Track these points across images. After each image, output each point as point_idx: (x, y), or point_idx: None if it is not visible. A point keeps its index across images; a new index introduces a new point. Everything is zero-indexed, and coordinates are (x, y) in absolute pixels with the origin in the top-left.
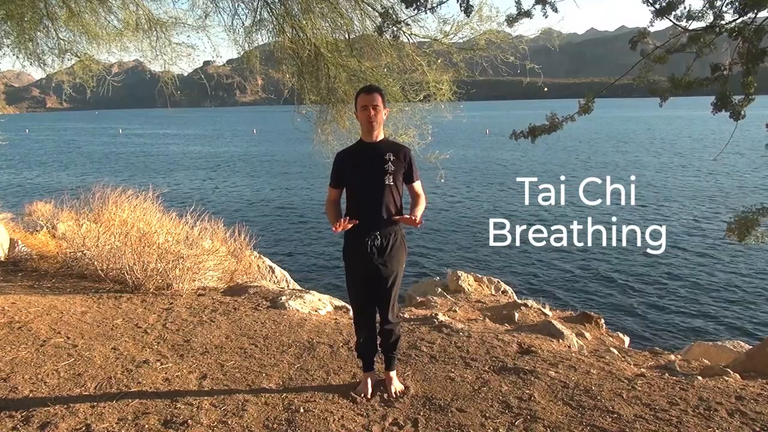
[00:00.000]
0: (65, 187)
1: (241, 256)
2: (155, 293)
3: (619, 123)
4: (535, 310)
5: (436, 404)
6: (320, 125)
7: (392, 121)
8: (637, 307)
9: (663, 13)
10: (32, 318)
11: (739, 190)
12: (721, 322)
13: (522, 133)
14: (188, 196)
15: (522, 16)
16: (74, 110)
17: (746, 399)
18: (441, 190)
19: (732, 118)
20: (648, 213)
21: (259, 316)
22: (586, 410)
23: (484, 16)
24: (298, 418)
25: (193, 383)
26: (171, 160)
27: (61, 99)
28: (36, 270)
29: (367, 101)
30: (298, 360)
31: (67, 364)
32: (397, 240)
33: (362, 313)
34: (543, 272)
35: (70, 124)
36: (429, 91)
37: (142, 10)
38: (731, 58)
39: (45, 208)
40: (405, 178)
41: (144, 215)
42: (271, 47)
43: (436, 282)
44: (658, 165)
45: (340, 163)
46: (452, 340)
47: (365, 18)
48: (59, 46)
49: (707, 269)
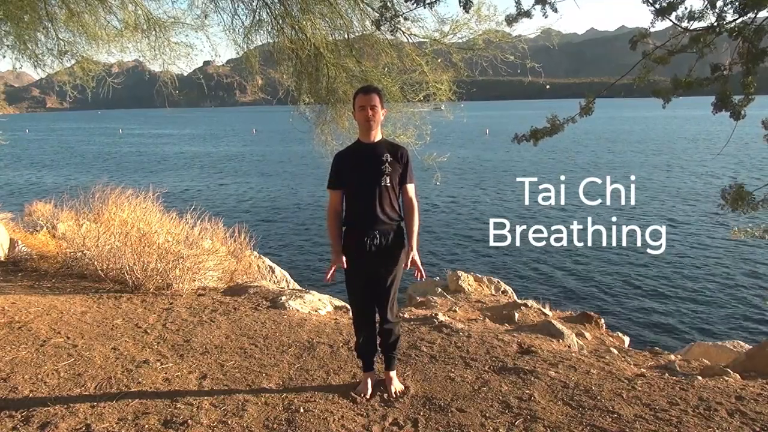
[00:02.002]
0: (65, 187)
1: (241, 256)
2: (155, 293)
3: (619, 123)
4: (535, 310)
5: (436, 404)
6: (319, 125)
7: (391, 121)
8: (637, 307)
9: (663, 14)
10: (32, 318)
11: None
12: (721, 322)
13: (524, 136)
14: (188, 196)
15: (521, 15)
16: (74, 110)
17: (746, 399)
18: (441, 190)
19: (732, 117)
20: (648, 213)
21: (259, 316)
22: (586, 410)
23: (482, 16)
24: (298, 418)
25: (193, 383)
26: (171, 160)
27: (61, 99)
28: (36, 270)
29: (364, 101)
30: (298, 360)
31: (67, 364)
32: (396, 240)
33: (362, 313)
34: (543, 272)
35: (70, 124)
36: (428, 91)
37: (142, 10)
38: (731, 58)
39: (45, 208)
40: (400, 179)
41: (144, 215)
42: (270, 47)
43: (436, 282)
44: (658, 165)
45: (338, 164)
46: (452, 340)
47: (364, 18)
48: (58, 47)
49: (707, 269)
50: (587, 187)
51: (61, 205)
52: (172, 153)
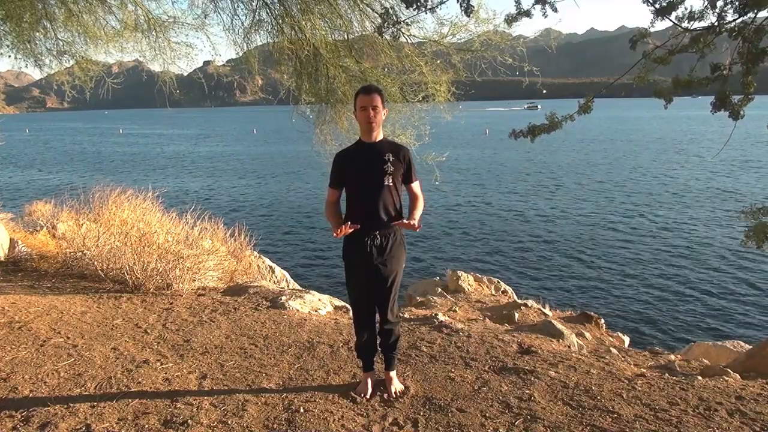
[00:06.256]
0: (65, 187)
1: (241, 256)
2: (155, 293)
3: (619, 123)
4: (535, 310)
5: (436, 404)
6: (319, 125)
7: (390, 121)
8: (637, 307)
9: (663, 14)
10: (32, 318)
11: (740, 190)
12: (721, 321)
13: (521, 132)
14: (188, 196)
15: (521, 15)
16: (74, 110)
17: (746, 399)
18: (441, 190)
19: (731, 117)
20: (648, 213)
21: (259, 316)
22: (586, 410)
23: (480, 19)
24: (298, 418)
25: (193, 383)
26: (171, 159)
27: (61, 99)
28: (36, 270)
29: (366, 102)
30: (298, 360)
31: (67, 364)
32: (396, 240)
33: (362, 314)
34: (543, 272)
35: (70, 124)
36: (427, 92)
37: (141, 10)
38: (731, 58)
39: (45, 208)
40: (404, 178)
41: (144, 215)
42: (270, 47)
43: (436, 282)
44: (658, 165)
45: (339, 164)
46: (452, 340)
47: (364, 18)
48: (57, 47)
49: (707, 269)
50: (587, 188)
51: (61, 205)
52: (172, 153)
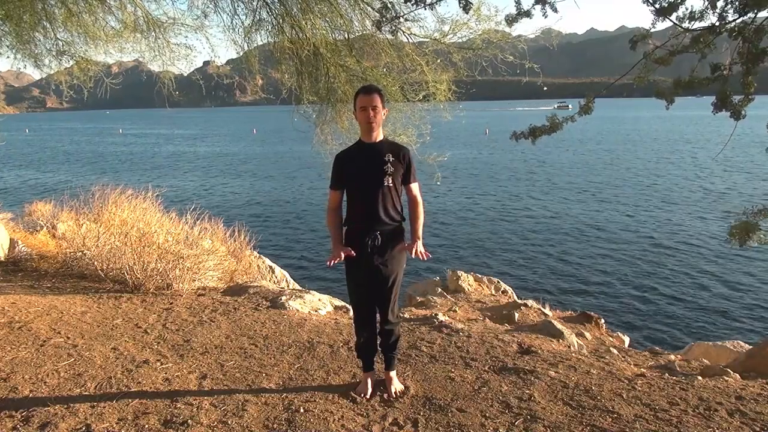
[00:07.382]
0: (65, 187)
1: (241, 256)
2: (155, 293)
3: (619, 123)
4: (535, 310)
5: (436, 404)
6: (319, 125)
7: (391, 121)
8: (637, 307)
9: (664, 14)
10: (32, 318)
11: (739, 190)
12: (721, 322)
13: (522, 134)
14: (188, 196)
15: (521, 15)
16: (74, 110)
17: (746, 399)
18: (441, 191)
19: (732, 117)
20: (647, 213)
21: (259, 316)
22: (586, 410)
23: (482, 16)
24: (298, 418)
25: (193, 383)
26: (171, 159)
27: (61, 99)
28: (36, 270)
29: (366, 102)
30: (298, 360)
31: (67, 364)
32: (397, 240)
33: (362, 314)
34: (543, 272)
35: (69, 124)
36: (428, 91)
37: (141, 11)
38: (731, 58)
39: (45, 208)
40: (403, 179)
41: (144, 215)
42: (270, 47)
43: (436, 282)
44: (658, 164)
45: (339, 164)
46: (452, 340)
47: (365, 18)
48: (57, 47)
49: (707, 269)
50: (587, 188)
51: (61, 205)
52: (172, 153)
